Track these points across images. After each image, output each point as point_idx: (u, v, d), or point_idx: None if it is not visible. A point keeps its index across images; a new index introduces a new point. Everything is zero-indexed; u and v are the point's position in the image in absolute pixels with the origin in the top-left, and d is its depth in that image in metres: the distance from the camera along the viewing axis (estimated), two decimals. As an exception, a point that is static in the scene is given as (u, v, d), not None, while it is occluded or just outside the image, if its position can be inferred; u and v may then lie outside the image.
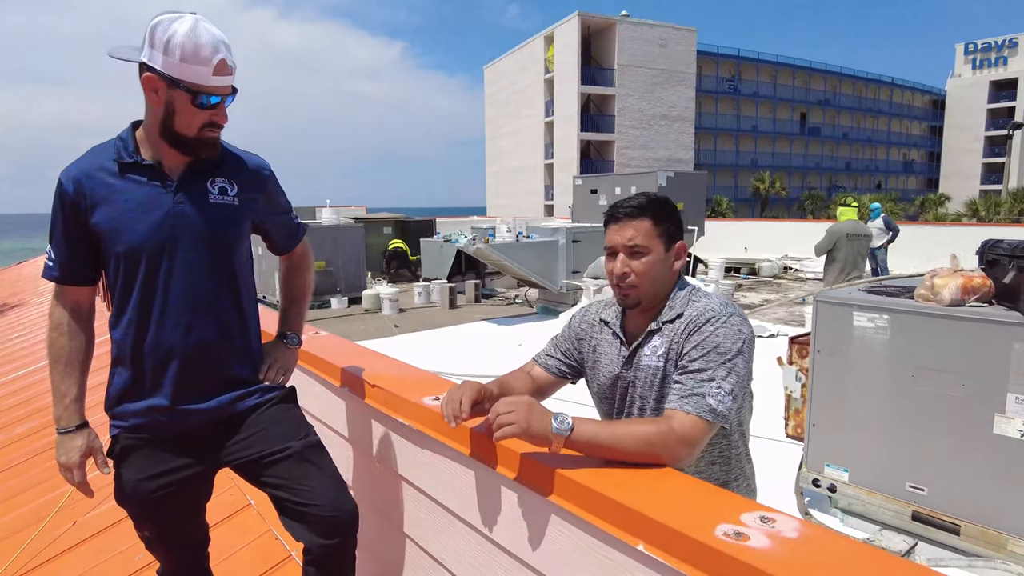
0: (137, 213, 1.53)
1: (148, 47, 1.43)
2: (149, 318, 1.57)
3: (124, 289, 1.57)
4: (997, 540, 2.81)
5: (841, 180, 55.04)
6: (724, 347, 1.38)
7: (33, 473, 3.70)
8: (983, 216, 33.64)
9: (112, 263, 1.57)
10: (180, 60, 1.42)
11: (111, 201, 1.53)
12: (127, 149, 1.55)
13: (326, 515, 1.59)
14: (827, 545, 0.97)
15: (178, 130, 1.51)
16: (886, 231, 12.17)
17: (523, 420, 1.22)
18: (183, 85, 1.44)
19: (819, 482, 3.48)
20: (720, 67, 47.94)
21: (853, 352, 3.28)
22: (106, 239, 1.54)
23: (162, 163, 1.56)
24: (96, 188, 1.53)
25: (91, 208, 1.53)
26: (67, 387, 1.56)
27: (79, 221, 1.54)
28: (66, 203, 1.53)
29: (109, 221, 1.53)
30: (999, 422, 2.78)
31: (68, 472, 1.57)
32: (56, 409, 1.55)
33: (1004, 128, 45.18)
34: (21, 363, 6.35)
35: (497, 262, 10.58)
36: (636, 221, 1.48)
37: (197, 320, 1.60)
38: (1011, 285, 2.80)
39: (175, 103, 1.47)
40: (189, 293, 1.58)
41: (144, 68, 1.46)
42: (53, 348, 1.57)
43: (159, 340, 1.58)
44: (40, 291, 11.48)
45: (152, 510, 1.66)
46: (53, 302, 1.59)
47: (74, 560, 2.69)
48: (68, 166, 1.56)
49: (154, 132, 1.53)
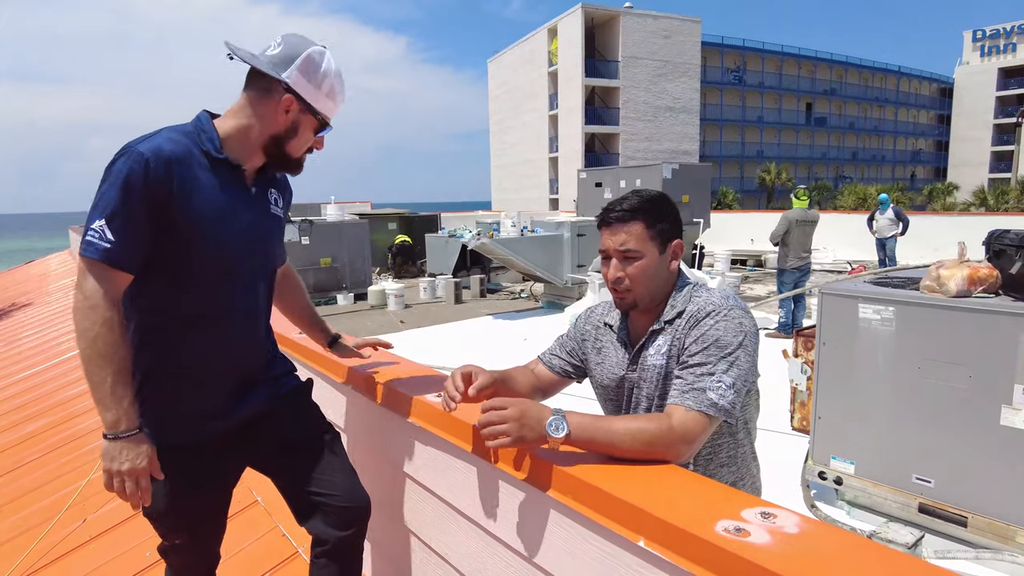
0: (224, 212, 1.49)
1: (297, 72, 1.48)
2: (208, 321, 1.53)
3: (197, 289, 1.50)
4: (1005, 532, 2.80)
5: (848, 170, 54.71)
6: (724, 340, 1.37)
7: (44, 471, 3.73)
8: (991, 205, 33.36)
9: (183, 261, 1.46)
10: (326, 95, 1.52)
11: (198, 195, 1.44)
12: (214, 143, 1.48)
13: (343, 506, 1.63)
14: (828, 541, 0.97)
15: (288, 149, 1.55)
16: (896, 222, 12.09)
17: (515, 432, 1.21)
18: (320, 116, 1.54)
19: (825, 474, 3.47)
20: (725, 58, 47.68)
21: (859, 344, 3.27)
22: (183, 235, 1.44)
23: (243, 167, 1.55)
24: (186, 176, 1.42)
25: (178, 197, 1.41)
26: (123, 389, 1.37)
27: (160, 206, 1.39)
28: (150, 182, 1.37)
29: (197, 215, 1.44)
30: (1006, 413, 2.77)
31: (131, 480, 1.39)
32: (111, 413, 1.36)
33: (1013, 116, 44.82)
34: (31, 362, 6.40)
35: (502, 257, 10.58)
36: (628, 225, 1.47)
37: (257, 325, 1.64)
38: (1018, 276, 2.78)
39: (300, 126, 1.53)
40: (254, 299, 1.61)
41: (282, 87, 1.48)
42: (104, 345, 1.35)
43: (216, 343, 1.55)
44: (48, 290, 11.56)
45: (187, 521, 1.63)
46: (99, 292, 1.36)
47: (85, 557, 2.72)
48: (147, 142, 1.40)
49: (257, 140, 1.52)
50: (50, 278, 13.49)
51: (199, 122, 1.51)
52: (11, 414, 4.87)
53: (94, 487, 3.28)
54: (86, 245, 1.37)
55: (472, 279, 12.88)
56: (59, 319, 8.33)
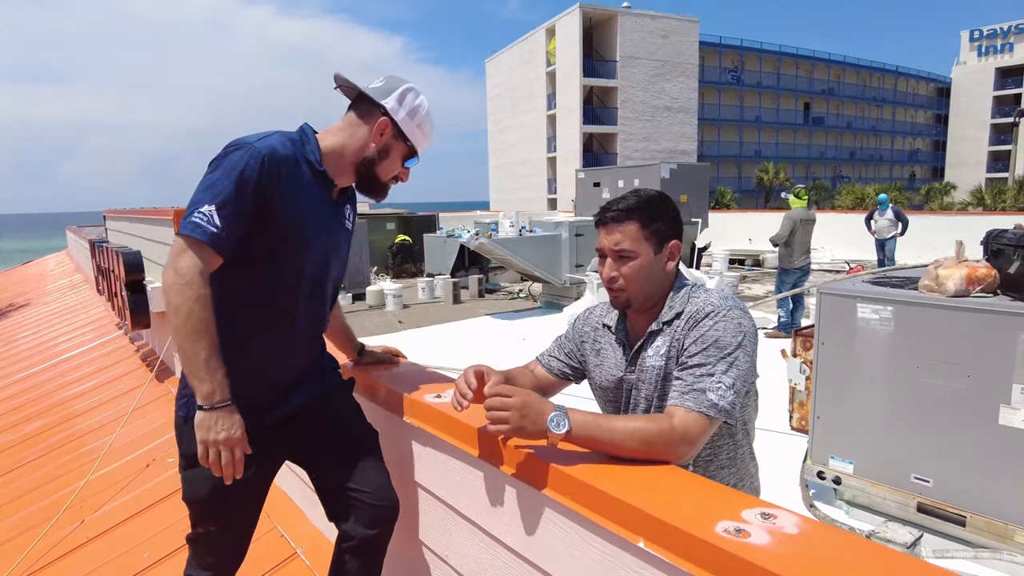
0: (315, 218, 1.60)
1: (396, 102, 1.63)
2: (293, 317, 1.62)
3: (278, 285, 1.58)
4: (1003, 531, 2.80)
5: (846, 170, 54.78)
6: (724, 341, 1.37)
7: (42, 472, 3.73)
8: (989, 205, 33.42)
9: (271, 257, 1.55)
10: (417, 126, 1.67)
11: (300, 197, 1.55)
12: (315, 155, 1.60)
13: (374, 504, 1.68)
14: (828, 541, 0.97)
15: (378, 171, 1.67)
16: (896, 223, 12.07)
17: (515, 421, 1.23)
18: (409, 143, 1.67)
19: (824, 474, 3.47)
20: (723, 58, 47.70)
21: (857, 344, 3.27)
22: (277, 233, 1.52)
23: (334, 182, 1.67)
24: (292, 180, 1.53)
25: (282, 196, 1.50)
26: (216, 362, 1.43)
27: (265, 202, 1.48)
28: (263, 179, 1.47)
29: (293, 217, 1.54)
30: (1004, 413, 2.77)
31: (227, 449, 1.43)
32: (207, 384, 1.41)
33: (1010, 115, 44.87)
34: (29, 362, 6.39)
35: (500, 257, 10.57)
36: (623, 225, 1.47)
37: (320, 326, 1.74)
38: (1016, 275, 2.79)
39: (392, 151, 1.66)
40: (323, 302, 1.71)
41: (381, 111, 1.63)
42: (199, 320, 1.40)
43: (286, 340, 1.63)
44: (46, 291, 11.54)
45: (228, 507, 1.65)
46: (195, 272, 1.41)
47: (82, 558, 2.71)
48: (263, 142, 1.51)
49: (350, 158, 1.65)
50: (48, 278, 13.46)
51: (304, 134, 1.62)
52: (9, 415, 4.86)
53: (92, 488, 3.28)
54: (193, 226, 1.42)
55: (470, 279, 12.87)
56: (57, 319, 8.31)
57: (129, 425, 3.91)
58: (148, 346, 5.69)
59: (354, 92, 1.68)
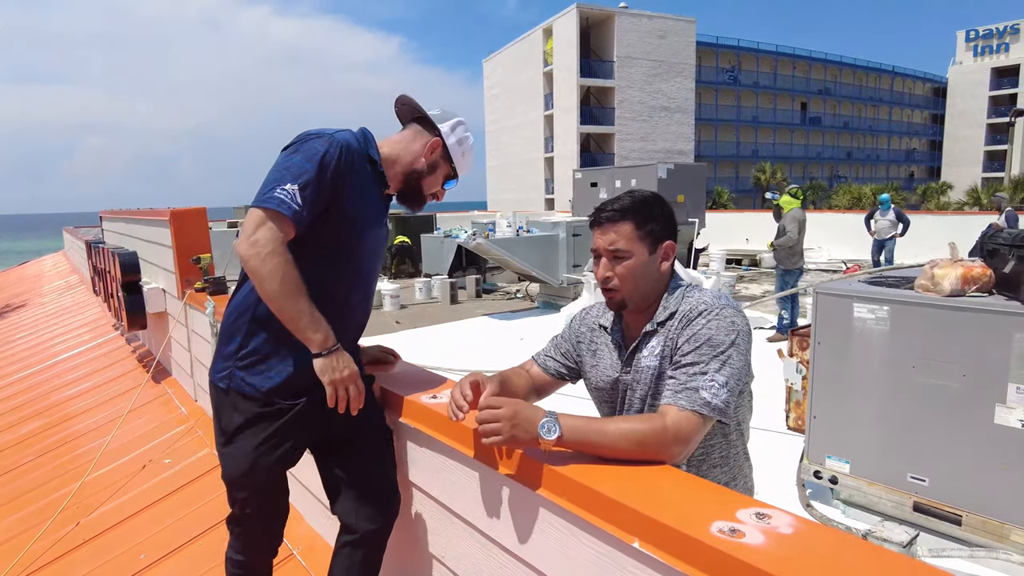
0: (372, 214, 1.73)
1: (450, 130, 1.82)
2: (342, 300, 1.70)
3: (336, 267, 1.68)
4: (999, 530, 2.81)
5: (843, 170, 54.85)
6: (717, 339, 1.37)
7: (39, 473, 3.72)
8: (985, 204, 33.51)
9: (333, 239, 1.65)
10: (463, 154, 1.86)
11: (363, 192, 1.68)
12: (376, 156, 1.74)
13: (379, 498, 1.72)
14: (823, 541, 0.97)
15: (423, 183, 1.83)
16: (896, 224, 12.03)
17: (507, 431, 1.24)
18: (453, 165, 1.85)
19: (820, 474, 3.48)
20: (720, 58, 47.74)
21: (853, 344, 3.28)
22: (341, 219, 1.64)
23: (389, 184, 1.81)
24: (360, 170, 1.67)
25: (351, 187, 1.63)
26: (319, 314, 1.55)
27: (337, 188, 1.60)
28: (339, 167, 1.59)
29: (357, 204, 1.66)
30: (1000, 412, 2.78)
31: (352, 384, 1.60)
32: (320, 332, 1.54)
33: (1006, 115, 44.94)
34: (26, 363, 6.37)
35: (497, 257, 10.57)
36: (618, 225, 1.48)
37: (365, 313, 1.84)
38: (1011, 275, 2.79)
39: (438, 169, 1.83)
40: (369, 290, 1.83)
41: (436, 133, 1.81)
42: (296, 281, 1.52)
43: (340, 324, 1.67)
44: (42, 292, 11.51)
45: (262, 484, 1.72)
46: (279, 242, 1.51)
47: (79, 560, 2.71)
48: (341, 134, 1.65)
49: (402, 167, 1.80)
50: (44, 279, 13.43)
51: (365, 136, 1.75)
52: (6, 416, 4.85)
53: (89, 490, 3.27)
54: (277, 201, 1.52)
55: (468, 279, 12.85)
56: (54, 320, 8.30)
57: (125, 426, 3.90)
58: (144, 347, 5.68)
59: (412, 113, 1.87)
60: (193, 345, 4.00)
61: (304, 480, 2.49)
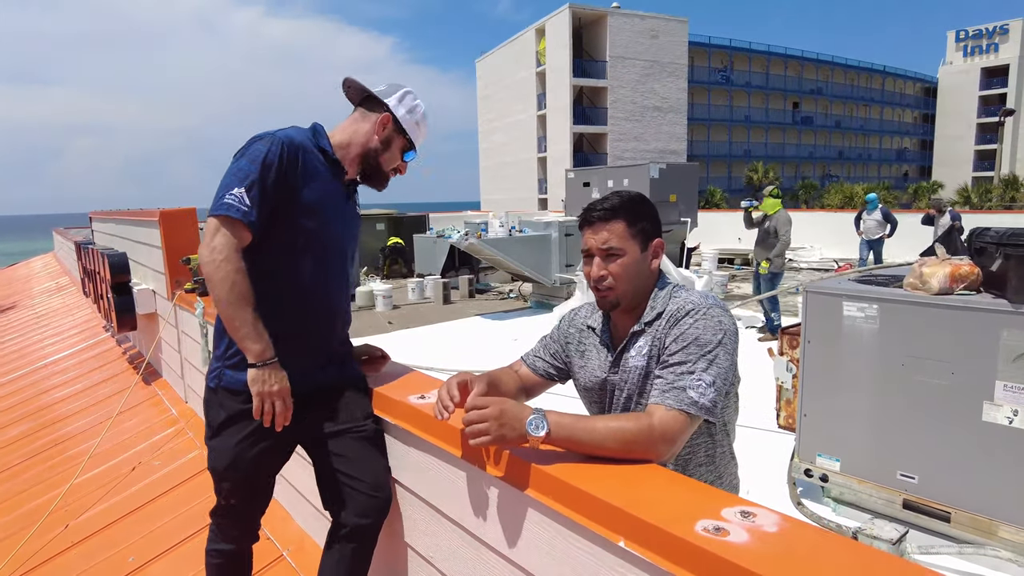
0: (331, 200, 1.77)
1: (396, 101, 1.84)
2: (316, 293, 1.76)
3: (302, 261, 1.72)
4: (987, 527, 2.83)
5: (835, 169, 55.09)
6: (704, 339, 1.37)
7: (27, 476, 3.70)
8: (975, 203, 33.75)
9: (295, 235, 1.70)
10: (416, 123, 1.87)
11: (318, 181, 1.72)
12: (328, 146, 1.79)
13: (368, 494, 1.73)
14: (806, 539, 0.98)
15: (380, 161, 1.85)
16: (884, 223, 11.99)
17: (495, 431, 1.24)
18: (407, 136, 1.86)
19: (811, 472, 3.49)
20: (712, 58, 47.88)
21: (843, 342, 3.29)
22: (302, 212, 1.69)
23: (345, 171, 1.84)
24: (309, 164, 1.71)
25: (301, 179, 1.68)
26: (262, 325, 1.61)
27: (286, 184, 1.65)
28: (283, 164, 1.64)
29: (312, 197, 1.70)
30: (987, 409, 2.80)
31: (280, 399, 1.63)
32: (258, 343, 1.60)
33: (996, 115, 45.29)
34: (14, 365, 6.33)
35: (490, 257, 10.56)
36: (610, 224, 1.48)
37: (341, 305, 1.88)
38: (998, 273, 2.81)
39: (392, 143, 1.85)
40: (342, 281, 1.85)
41: (384, 108, 1.83)
42: (243, 288, 1.59)
43: (315, 314, 1.77)
44: (32, 293, 11.43)
45: (246, 477, 1.76)
46: (231, 247, 1.59)
47: (67, 563, 2.69)
48: (283, 132, 1.70)
49: (355, 150, 1.83)
50: (34, 281, 13.34)
51: (316, 129, 1.81)
52: (-7, 419, 4.81)
53: (77, 492, 3.25)
54: (225, 207, 1.59)
55: (461, 279, 12.84)
56: (43, 322, 8.24)
57: (115, 428, 3.88)
58: (135, 348, 5.65)
59: (359, 94, 1.88)
60: (183, 346, 3.99)
61: (293, 480, 2.49)
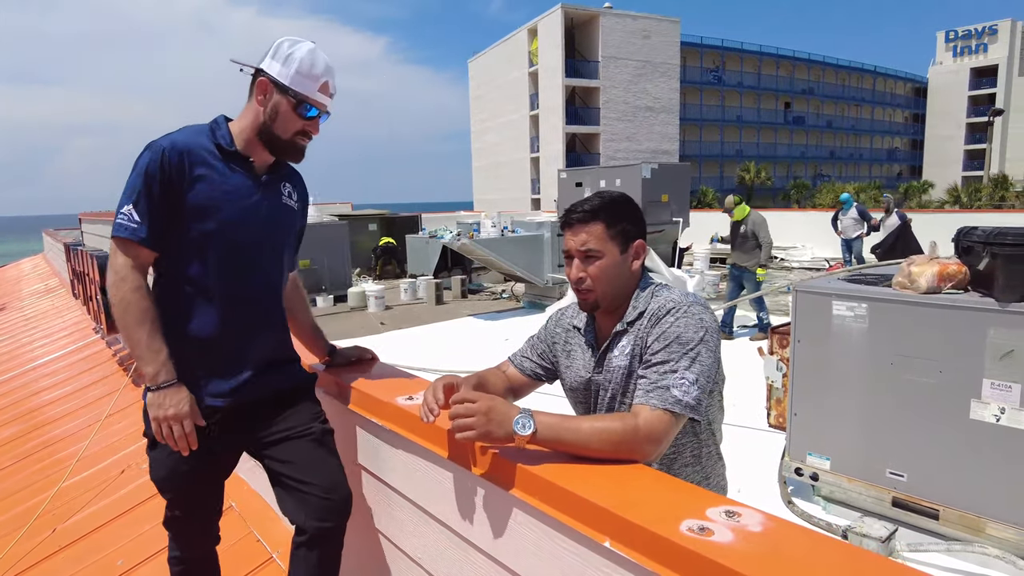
0: (232, 196, 1.65)
1: (269, 58, 1.65)
2: (229, 297, 1.67)
3: (207, 266, 1.63)
4: (975, 524, 2.85)
5: (826, 169, 55.35)
6: (686, 337, 1.37)
7: (14, 480, 3.67)
8: (965, 203, 33.98)
9: (196, 240, 1.62)
10: (295, 72, 1.64)
11: (210, 179, 1.62)
12: (225, 138, 1.67)
13: (324, 496, 1.69)
14: (790, 538, 0.98)
15: (276, 132, 1.67)
16: (861, 222, 12.07)
17: (482, 427, 1.24)
18: (291, 93, 1.64)
19: (801, 471, 3.51)
20: (704, 58, 48.02)
21: (833, 341, 3.30)
22: (198, 215, 1.61)
23: (252, 159, 1.71)
24: (197, 164, 1.61)
25: (190, 182, 1.60)
26: (158, 344, 1.56)
27: (174, 190, 1.58)
28: (166, 171, 1.57)
29: (207, 198, 1.61)
30: (975, 407, 2.81)
31: (177, 423, 1.56)
32: (151, 366, 1.55)
33: (985, 115, 45.62)
34: (4, 368, 6.28)
35: (482, 257, 10.56)
36: (589, 225, 1.48)
37: (267, 307, 1.77)
38: (985, 272, 2.83)
39: (280, 108, 1.66)
40: (265, 280, 1.75)
41: (260, 74, 1.66)
42: (136, 309, 1.55)
43: (234, 320, 1.67)
44: (21, 295, 11.35)
45: (188, 486, 1.73)
46: (127, 266, 1.57)
47: (55, 567, 2.67)
48: (166, 137, 1.62)
49: (252, 131, 1.69)
50: (23, 282, 13.25)
51: (215, 122, 1.71)
52: (-19, 422, 4.77)
53: (65, 495, 3.23)
54: (117, 227, 1.56)
55: (453, 280, 12.82)
56: (32, 324, 8.18)
57: (103, 431, 3.86)
58: (125, 350, 5.62)
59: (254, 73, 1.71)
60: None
61: (283, 483, 2.47)
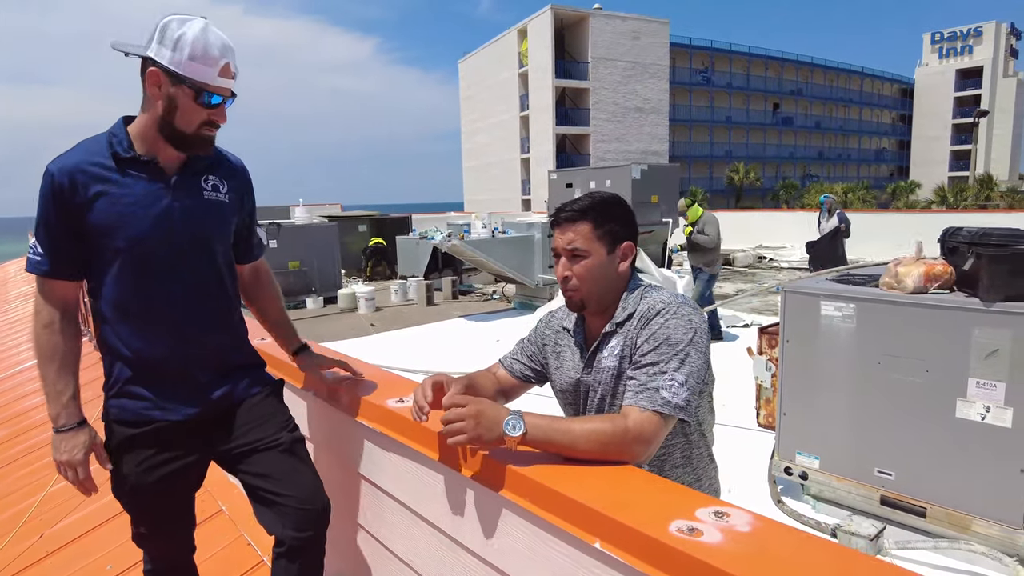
0: (137, 208, 1.53)
1: (156, 44, 1.45)
2: (153, 311, 1.59)
3: (123, 284, 1.56)
4: (962, 521, 2.87)
5: (815, 169, 55.73)
6: (675, 338, 1.38)
7: (1, 484, 3.63)
8: (951, 203, 34.32)
9: (107, 259, 1.54)
10: (188, 58, 1.45)
11: (108, 196, 1.51)
12: (122, 144, 1.53)
13: (300, 507, 1.65)
14: (779, 538, 0.99)
15: (178, 126, 1.52)
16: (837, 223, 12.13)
17: (471, 430, 1.24)
18: (188, 82, 1.47)
19: (791, 470, 3.53)
20: (693, 59, 48.21)
21: (821, 341, 3.33)
22: (103, 235, 1.51)
23: (158, 160, 1.57)
24: (91, 183, 1.50)
25: (87, 203, 1.49)
26: (63, 385, 1.52)
27: (72, 215, 1.50)
28: (58, 197, 1.48)
29: (108, 216, 1.51)
30: (961, 406, 2.84)
31: (71, 469, 1.54)
32: (53, 407, 1.52)
33: (970, 116, 46.10)
34: (-12, 372, 6.21)
35: (473, 258, 10.55)
36: (576, 225, 1.49)
37: (201, 313, 1.65)
38: (970, 272, 2.86)
39: (177, 99, 1.49)
40: (192, 286, 1.63)
41: (149, 63, 1.47)
42: (45, 347, 1.52)
43: (165, 333, 1.60)
44: (8, 297, 11.23)
45: (152, 502, 1.67)
46: (40, 299, 1.54)
47: (43, 573, 2.64)
48: (57, 158, 1.52)
49: (152, 128, 1.54)
50: (9, 285, 13.10)
51: (112, 128, 1.57)
52: (-34, 426, 4.71)
53: (52, 500, 3.19)
54: (27, 262, 1.56)
55: (444, 281, 12.81)
56: (17, 327, 8.10)
57: (91, 434, 3.82)
58: (112, 353, 5.57)
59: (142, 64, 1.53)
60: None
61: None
